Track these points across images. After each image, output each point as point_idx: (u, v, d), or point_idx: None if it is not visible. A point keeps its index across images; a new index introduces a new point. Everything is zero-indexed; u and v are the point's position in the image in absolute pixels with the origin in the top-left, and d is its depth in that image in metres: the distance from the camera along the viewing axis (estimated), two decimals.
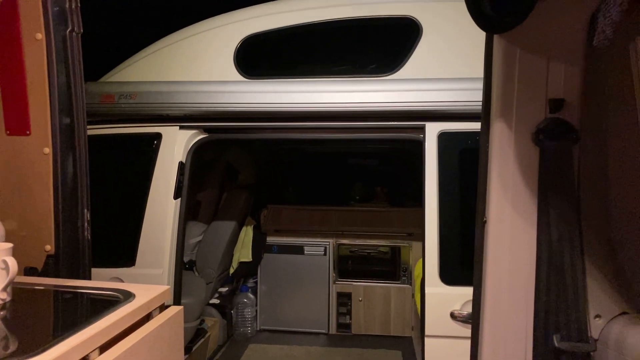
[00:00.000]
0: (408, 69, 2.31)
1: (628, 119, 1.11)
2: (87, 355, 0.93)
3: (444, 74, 2.22)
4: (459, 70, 2.17)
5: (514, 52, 1.06)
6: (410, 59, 2.32)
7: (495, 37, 1.10)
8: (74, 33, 1.50)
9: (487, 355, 1.16)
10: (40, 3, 1.42)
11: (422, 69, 2.28)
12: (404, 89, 2.23)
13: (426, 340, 2.13)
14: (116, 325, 1.02)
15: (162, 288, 1.26)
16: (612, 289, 1.13)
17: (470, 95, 2.12)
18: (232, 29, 2.48)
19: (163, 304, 1.26)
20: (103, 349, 0.97)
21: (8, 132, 1.50)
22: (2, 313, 1.08)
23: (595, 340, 1.11)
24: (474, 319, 1.22)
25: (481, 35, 1.18)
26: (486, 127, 1.15)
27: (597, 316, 1.13)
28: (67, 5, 1.47)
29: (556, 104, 1.06)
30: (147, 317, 1.17)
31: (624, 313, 1.13)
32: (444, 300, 2.11)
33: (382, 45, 2.51)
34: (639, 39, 1.07)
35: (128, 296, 1.16)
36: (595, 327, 1.13)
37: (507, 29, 0.99)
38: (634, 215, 1.13)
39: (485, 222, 1.16)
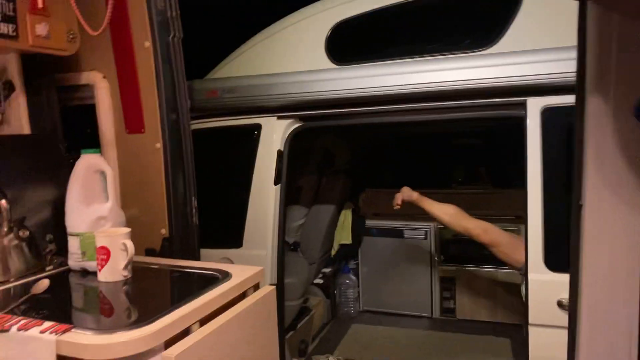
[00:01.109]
0: (506, 41, 2.15)
1: None
2: (189, 326, 1.06)
3: (546, 45, 2.04)
4: (562, 39, 1.97)
5: (610, 18, 0.95)
6: (508, 30, 2.16)
7: (589, 4, 0.99)
8: (175, 38, 1.66)
9: (585, 346, 1.08)
10: (146, 14, 1.60)
11: (522, 40, 2.11)
12: (501, 63, 2.09)
13: (530, 329, 2.02)
14: (214, 301, 1.14)
15: (256, 269, 1.37)
16: None
17: (575, 65, 1.92)
18: (322, 17, 2.52)
19: (258, 283, 1.37)
20: (203, 322, 1.10)
21: (128, 130, 1.73)
22: (124, 288, 1.26)
23: None
24: (570, 308, 1.14)
25: None
26: (580, 102, 1.05)
27: None
28: (168, 14, 1.63)
29: None
30: (243, 295, 1.28)
31: None
32: (549, 287, 1.97)
33: (477, 18, 2.37)
34: None
35: (226, 276, 1.29)
36: None
37: None
38: None
39: (581, 205, 1.07)
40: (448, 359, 3.26)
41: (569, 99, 1.98)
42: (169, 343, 0.99)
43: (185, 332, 1.05)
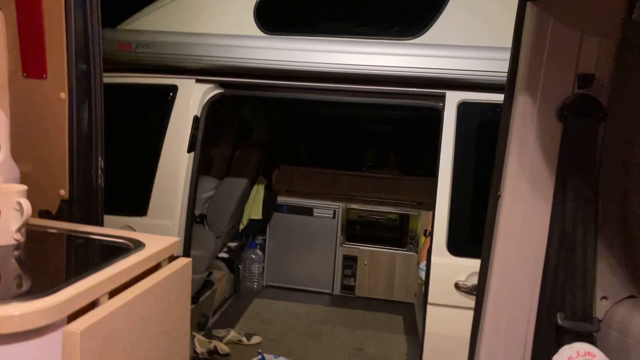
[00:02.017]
0: (433, 33, 2.23)
1: None
2: (97, 299, 0.96)
3: (468, 42, 2.14)
4: (485, 39, 2.09)
5: (546, 21, 1.01)
6: (436, 23, 2.24)
7: (528, 4, 1.04)
8: None
9: (488, 327, 1.17)
10: None
11: (448, 34, 2.20)
12: (426, 55, 2.16)
13: (429, 307, 2.16)
14: (126, 272, 1.04)
15: (172, 239, 1.28)
16: (622, 272, 1.12)
17: (495, 65, 2.05)
18: None
19: (172, 255, 1.28)
20: (112, 294, 1.00)
21: (25, 74, 1.50)
22: (16, 253, 1.10)
23: (599, 322, 1.11)
24: (478, 291, 1.23)
25: (513, 1, 1.12)
26: (509, 98, 1.12)
27: (604, 298, 1.12)
28: None
29: (586, 79, 1.01)
30: (156, 267, 1.19)
31: (631, 296, 1.12)
32: (449, 270, 2.12)
33: (408, 6, 2.42)
34: None
35: (138, 245, 1.19)
36: (601, 308, 1.12)
37: None
38: None
39: (499, 196, 1.14)
40: (346, 334, 3.39)
41: (484, 96, 2.13)
42: (72, 317, 0.88)
43: (92, 305, 0.94)
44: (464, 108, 2.17)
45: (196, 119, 2.38)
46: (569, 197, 1.04)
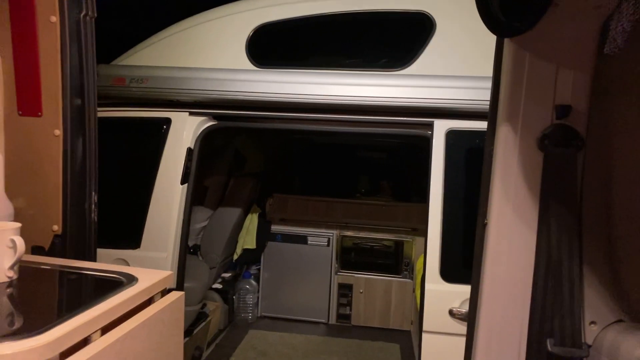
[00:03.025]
0: (419, 64, 2.30)
1: (634, 124, 1.10)
2: (89, 336, 0.96)
3: (455, 72, 2.21)
4: (470, 69, 2.16)
5: (523, 56, 1.06)
6: (422, 54, 2.31)
7: (506, 40, 1.09)
8: (87, 17, 1.51)
9: (480, 354, 1.17)
10: None
11: (434, 65, 2.27)
12: (413, 85, 2.22)
13: (424, 335, 2.15)
14: (118, 308, 1.04)
15: (164, 273, 1.28)
16: (608, 297, 1.14)
17: (480, 94, 2.11)
18: (245, 17, 2.47)
19: (165, 288, 1.28)
20: (104, 330, 1.00)
21: (20, 112, 1.53)
22: (8, 290, 1.11)
23: (589, 347, 1.12)
24: (469, 318, 1.24)
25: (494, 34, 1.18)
26: (492, 129, 1.15)
27: (593, 322, 1.14)
28: None
29: (563, 110, 1.05)
30: (149, 301, 1.20)
31: (619, 321, 1.14)
32: (443, 297, 2.12)
33: (395, 39, 2.50)
34: None
35: (131, 280, 1.19)
36: (590, 333, 1.13)
37: (517, 34, 0.99)
38: (636, 224, 1.13)
39: (486, 224, 1.17)
40: None
41: (471, 124, 2.18)
42: (64, 355, 0.88)
43: (85, 343, 0.94)
44: (452, 136, 2.22)
45: (189, 151, 2.41)
46: (552, 224, 1.06)
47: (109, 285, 1.17)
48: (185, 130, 2.42)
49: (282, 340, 3.70)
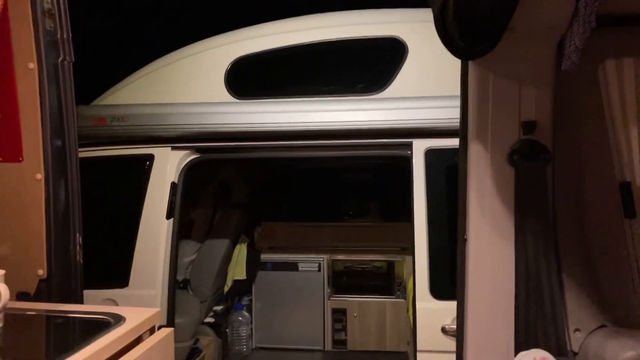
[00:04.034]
0: (394, 87, 2.36)
1: (600, 137, 1.15)
2: None
3: (429, 92, 2.27)
4: (444, 88, 2.22)
5: (487, 77, 1.11)
6: (396, 78, 2.38)
7: (470, 63, 1.14)
8: (65, 62, 1.54)
9: None
10: (32, 34, 1.47)
11: (408, 87, 2.33)
12: (390, 107, 2.28)
13: (418, 355, 2.15)
14: (106, 349, 1.04)
15: (152, 311, 1.28)
16: (590, 303, 1.17)
17: (455, 113, 2.15)
18: (221, 51, 2.53)
19: (154, 326, 1.28)
20: None
21: (1, 159, 1.53)
22: None
23: (576, 354, 1.14)
24: (457, 334, 1.25)
25: None
26: (464, 147, 1.20)
27: (577, 330, 1.16)
28: (58, 36, 1.51)
29: (529, 126, 1.10)
30: (138, 340, 1.19)
31: (602, 326, 1.16)
32: (435, 315, 2.13)
33: (369, 65, 2.57)
34: (606, 61, 1.13)
35: (118, 320, 1.19)
36: (575, 340, 1.16)
37: (478, 57, 1.04)
38: (609, 231, 1.17)
39: (465, 239, 1.20)
40: None
41: (449, 142, 2.23)
42: None
43: None
44: (431, 154, 2.27)
45: (174, 185, 2.42)
46: (528, 236, 1.10)
47: (96, 326, 1.16)
48: (168, 165, 2.44)
49: None
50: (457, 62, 2.29)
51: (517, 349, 1.11)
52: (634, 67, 1.12)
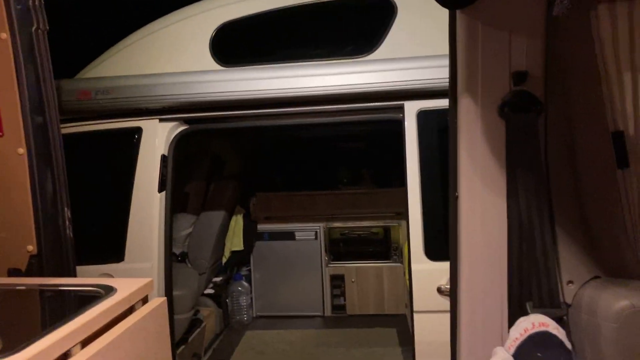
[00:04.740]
0: (384, 49, 2.30)
1: (592, 87, 1.12)
2: (69, 350, 0.95)
3: (420, 52, 2.22)
4: (434, 48, 2.17)
5: (475, 27, 1.07)
6: (386, 39, 2.31)
7: (458, 13, 1.10)
8: (39, 30, 1.48)
9: (465, 324, 1.19)
10: (2, 2, 1.40)
11: (398, 48, 2.27)
12: (380, 69, 2.22)
13: (415, 316, 2.17)
14: (97, 319, 1.03)
15: (144, 281, 1.27)
16: (583, 255, 1.16)
17: (447, 72, 2.12)
18: (205, 17, 2.45)
19: (146, 296, 1.27)
20: (85, 343, 0.99)
21: None
22: None
23: (569, 306, 1.14)
24: (451, 291, 1.25)
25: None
26: (453, 102, 1.16)
27: (570, 282, 1.16)
28: (30, 3, 1.45)
29: (520, 77, 1.07)
30: (130, 310, 1.18)
31: (596, 277, 1.16)
32: (430, 276, 2.14)
33: (358, 26, 2.50)
34: (599, 6, 1.08)
35: (109, 291, 1.18)
36: (569, 292, 1.16)
37: (466, 4, 1.00)
38: (603, 182, 1.15)
39: (457, 196, 1.18)
40: (341, 354, 3.36)
41: (441, 103, 2.19)
42: None
43: (65, 357, 0.93)
44: (423, 116, 2.23)
45: (164, 158, 2.38)
46: (520, 189, 1.08)
47: (87, 298, 1.15)
48: (157, 138, 2.40)
49: (280, 338, 3.70)
50: (447, 20, 2.24)
51: (511, 302, 1.11)
52: (628, 12, 1.07)
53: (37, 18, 1.47)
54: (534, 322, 1.03)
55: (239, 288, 4.00)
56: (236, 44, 2.51)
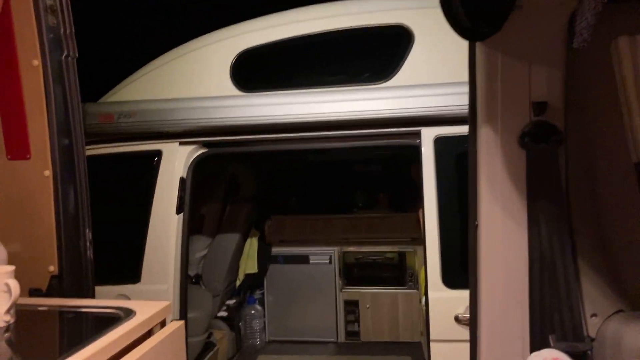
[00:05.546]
0: (401, 76, 2.33)
1: (613, 117, 1.12)
2: None
3: (437, 79, 2.24)
4: (451, 75, 2.19)
5: (495, 58, 1.08)
6: (403, 66, 2.34)
7: (477, 44, 1.12)
8: (69, 58, 1.54)
9: (484, 356, 1.17)
10: (35, 31, 1.46)
11: (416, 75, 2.30)
12: (398, 96, 2.25)
13: (432, 344, 2.13)
14: (116, 342, 1.04)
15: (162, 304, 1.28)
16: (607, 288, 1.14)
17: (464, 99, 2.12)
18: (226, 44, 2.52)
19: (164, 319, 1.28)
20: None
21: (9, 157, 1.54)
22: (6, 335, 1.10)
23: (593, 340, 1.12)
24: (471, 321, 1.23)
25: None
26: (473, 132, 1.17)
27: (594, 315, 1.13)
28: (61, 32, 1.51)
29: (540, 107, 1.07)
30: (149, 333, 1.19)
31: (620, 311, 1.14)
32: (447, 304, 2.11)
33: (375, 53, 2.54)
34: (619, 38, 1.09)
35: (129, 313, 1.19)
36: (592, 325, 1.13)
37: (486, 37, 1.01)
38: (625, 212, 1.14)
39: (477, 225, 1.17)
40: None
41: (458, 129, 2.20)
42: None
43: None
44: (440, 142, 2.24)
45: (182, 180, 2.42)
46: (542, 220, 1.07)
47: (107, 321, 1.16)
48: (176, 161, 2.44)
49: None
50: (464, 48, 2.26)
51: (532, 336, 1.09)
52: None
53: (67, 46, 1.52)
54: (547, 358, 1.01)
55: (252, 311, 3.98)
56: (255, 70, 2.57)
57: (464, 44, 2.24)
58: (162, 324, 1.26)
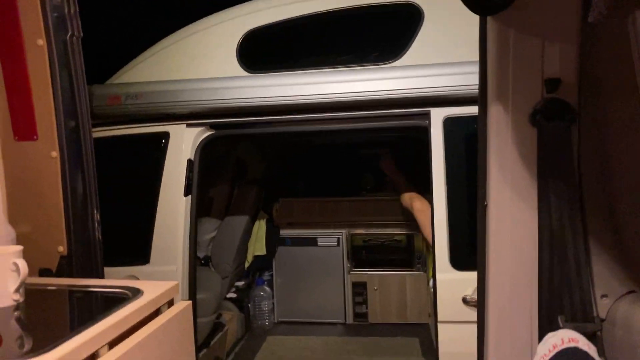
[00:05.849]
0: (410, 55, 2.29)
1: (629, 94, 1.08)
2: (96, 351, 0.96)
3: (446, 59, 2.19)
4: (461, 54, 2.14)
5: (507, 33, 1.05)
6: (412, 45, 2.30)
7: (489, 19, 1.08)
8: (74, 37, 1.52)
9: (493, 337, 1.16)
10: (39, 10, 1.45)
11: (425, 54, 2.26)
12: (406, 76, 2.21)
13: (439, 326, 2.14)
14: (124, 321, 1.05)
15: (170, 284, 1.28)
16: (618, 268, 1.12)
17: (474, 79, 2.07)
18: (233, 24, 2.48)
19: (172, 299, 1.28)
20: (112, 344, 1.00)
21: (16, 137, 1.54)
22: (15, 314, 1.11)
23: (603, 320, 1.10)
24: (479, 303, 1.22)
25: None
26: (483, 110, 1.14)
27: (604, 296, 1.12)
28: (66, 11, 1.49)
29: (553, 84, 1.04)
30: (156, 313, 1.20)
31: (631, 292, 1.12)
32: (455, 285, 2.11)
33: (384, 32, 2.49)
34: (637, 12, 1.05)
35: (136, 293, 1.19)
36: (602, 306, 1.12)
37: (498, 11, 0.98)
38: (638, 192, 1.11)
39: (486, 205, 1.16)
40: None
41: (467, 110, 2.16)
42: None
43: (93, 358, 0.95)
44: (449, 123, 2.20)
45: (190, 163, 2.42)
46: (552, 199, 1.05)
47: (115, 300, 1.17)
48: (184, 142, 2.43)
49: (301, 344, 3.69)
50: (475, 26, 2.21)
51: (541, 315, 1.08)
52: None
53: (72, 25, 1.51)
54: (563, 338, 1.00)
55: (261, 293, 4.01)
56: (262, 50, 2.54)
57: (474, 23, 2.18)
58: (170, 303, 1.27)
